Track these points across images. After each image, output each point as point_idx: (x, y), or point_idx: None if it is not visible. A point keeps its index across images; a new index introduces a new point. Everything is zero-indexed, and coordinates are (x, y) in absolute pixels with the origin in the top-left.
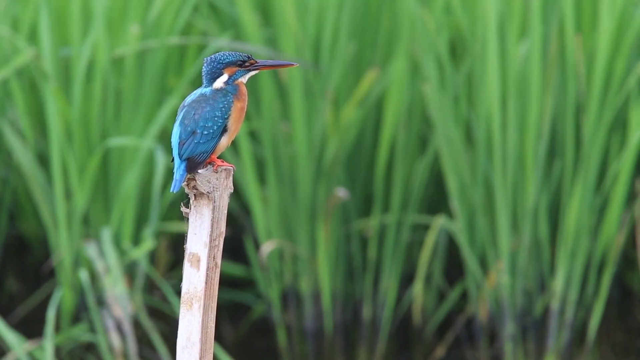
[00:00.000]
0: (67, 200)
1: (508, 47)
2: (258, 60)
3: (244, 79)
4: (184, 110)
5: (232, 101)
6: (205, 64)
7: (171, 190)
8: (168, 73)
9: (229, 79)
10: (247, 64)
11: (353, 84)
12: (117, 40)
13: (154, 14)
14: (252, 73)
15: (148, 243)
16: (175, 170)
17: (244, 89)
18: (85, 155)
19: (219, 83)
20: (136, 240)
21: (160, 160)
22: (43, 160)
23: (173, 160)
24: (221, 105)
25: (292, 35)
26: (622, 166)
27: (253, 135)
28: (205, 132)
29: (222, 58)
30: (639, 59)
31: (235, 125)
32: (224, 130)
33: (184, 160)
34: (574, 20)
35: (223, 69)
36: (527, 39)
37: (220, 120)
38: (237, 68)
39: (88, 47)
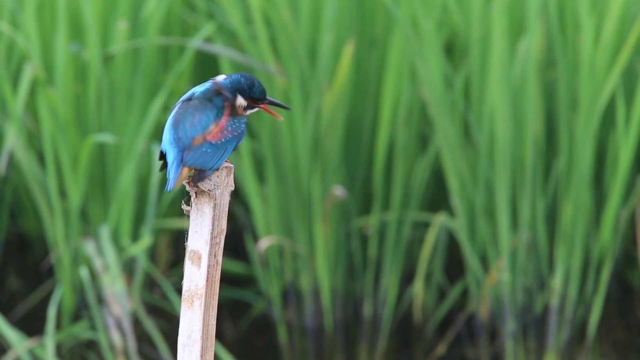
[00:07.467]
0: (63, 197)
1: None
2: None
3: (251, 111)
4: (183, 108)
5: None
6: (241, 79)
7: (166, 190)
8: (165, 70)
9: (247, 107)
10: (261, 101)
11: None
12: (107, 38)
13: (145, 12)
14: (255, 109)
15: (146, 239)
16: (168, 168)
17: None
18: (78, 150)
19: (241, 101)
20: (135, 238)
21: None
22: (43, 157)
23: (162, 157)
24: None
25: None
26: (620, 162)
27: (252, 134)
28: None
29: (256, 89)
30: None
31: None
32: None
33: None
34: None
35: (247, 97)
36: (523, 40)
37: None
38: (254, 104)
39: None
